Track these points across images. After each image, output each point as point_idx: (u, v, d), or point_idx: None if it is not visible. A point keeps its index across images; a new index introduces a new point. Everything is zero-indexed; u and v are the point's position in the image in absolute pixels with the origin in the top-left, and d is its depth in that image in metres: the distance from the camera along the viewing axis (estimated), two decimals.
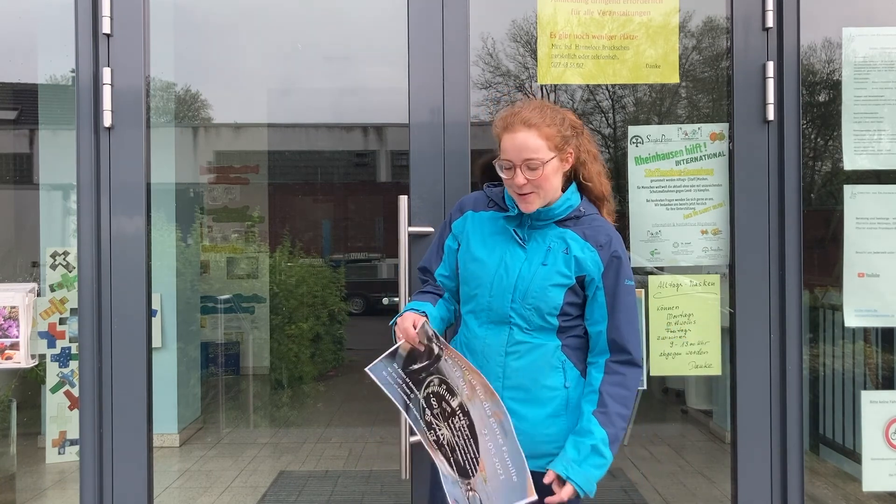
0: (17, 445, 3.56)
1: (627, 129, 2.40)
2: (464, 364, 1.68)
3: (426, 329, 1.71)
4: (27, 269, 3.67)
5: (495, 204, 1.84)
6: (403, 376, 1.76)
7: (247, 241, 6.99)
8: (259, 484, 3.94)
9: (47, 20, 3.24)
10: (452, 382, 1.70)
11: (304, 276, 6.66)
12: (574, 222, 1.77)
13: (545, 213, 1.75)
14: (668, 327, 2.33)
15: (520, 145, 1.68)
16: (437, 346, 1.70)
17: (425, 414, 1.74)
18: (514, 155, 1.69)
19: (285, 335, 6.11)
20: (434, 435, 1.73)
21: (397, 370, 1.76)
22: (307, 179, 11.12)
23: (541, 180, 1.69)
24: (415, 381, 1.75)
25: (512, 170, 1.70)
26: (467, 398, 1.68)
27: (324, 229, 10.89)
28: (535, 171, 1.68)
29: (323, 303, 6.72)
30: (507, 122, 1.72)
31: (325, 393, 6.26)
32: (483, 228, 1.82)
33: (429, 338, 1.71)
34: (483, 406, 1.66)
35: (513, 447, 1.64)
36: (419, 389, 1.74)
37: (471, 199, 1.90)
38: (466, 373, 1.67)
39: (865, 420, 2.34)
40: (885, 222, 2.31)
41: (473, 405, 1.67)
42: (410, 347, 1.73)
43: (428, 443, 1.75)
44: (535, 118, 1.70)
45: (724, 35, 2.36)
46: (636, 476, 3.95)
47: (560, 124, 1.72)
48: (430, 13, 2.25)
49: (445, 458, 1.72)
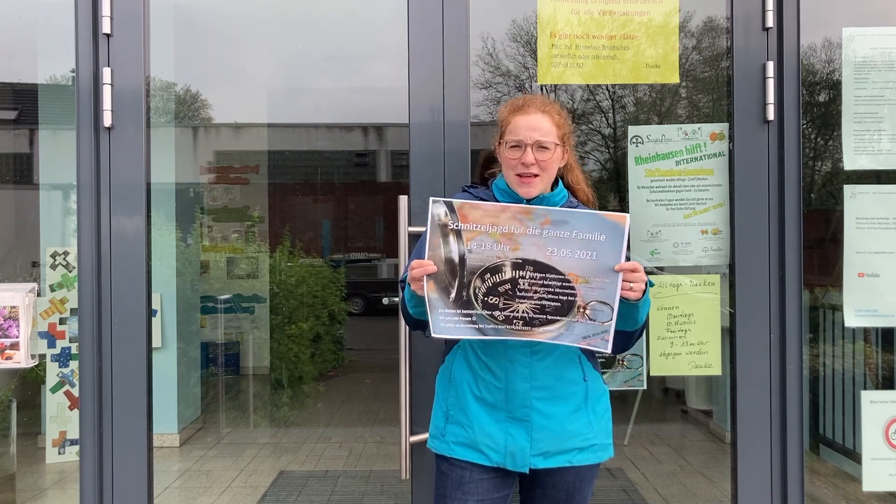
0: (17, 445, 3.56)
1: (627, 129, 2.40)
2: (478, 215, 1.60)
3: (433, 210, 1.61)
4: (27, 269, 3.67)
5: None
6: (453, 308, 1.64)
7: (247, 241, 6.99)
8: (259, 484, 3.94)
9: (47, 20, 3.24)
10: (487, 255, 1.61)
11: (304, 276, 6.66)
12: None
13: (547, 200, 1.76)
14: (668, 327, 2.33)
15: (534, 125, 1.72)
16: (450, 223, 1.62)
17: (496, 316, 1.62)
18: (526, 134, 1.72)
19: (285, 335, 6.11)
20: (521, 319, 1.63)
21: (444, 311, 1.63)
22: (307, 179, 11.13)
23: (548, 163, 1.73)
24: (464, 304, 1.63)
25: (520, 148, 1.72)
26: (511, 249, 1.61)
27: (324, 229, 10.90)
28: (546, 153, 1.72)
29: (323, 303, 6.73)
30: (519, 105, 1.77)
31: (325, 393, 6.26)
32: None
33: (440, 223, 1.61)
34: (528, 234, 1.60)
35: (579, 218, 1.60)
36: (476, 302, 1.62)
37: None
38: (489, 226, 1.60)
39: (865, 420, 2.34)
40: (885, 222, 2.31)
41: (523, 246, 1.61)
42: (434, 275, 1.62)
43: (524, 333, 1.64)
44: (549, 106, 1.77)
45: (724, 35, 2.36)
46: (636, 476, 3.95)
47: (566, 120, 1.80)
48: (430, 13, 2.25)
49: (549, 319, 1.62)
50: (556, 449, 1.72)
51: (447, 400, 1.81)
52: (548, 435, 1.72)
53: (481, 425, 1.73)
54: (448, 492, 1.77)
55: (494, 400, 1.73)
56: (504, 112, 1.80)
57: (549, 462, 1.73)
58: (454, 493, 1.76)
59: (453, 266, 1.63)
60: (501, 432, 1.72)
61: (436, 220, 1.62)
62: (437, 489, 1.82)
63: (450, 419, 1.79)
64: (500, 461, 1.73)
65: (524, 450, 1.71)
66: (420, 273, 1.62)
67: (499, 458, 1.73)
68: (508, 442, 1.72)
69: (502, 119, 1.80)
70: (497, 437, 1.72)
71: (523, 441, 1.71)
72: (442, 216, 1.62)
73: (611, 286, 1.60)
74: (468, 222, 1.62)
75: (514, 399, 1.72)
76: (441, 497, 1.80)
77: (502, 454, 1.72)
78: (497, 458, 1.73)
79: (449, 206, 1.62)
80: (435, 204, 1.62)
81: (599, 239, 1.60)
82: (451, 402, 1.80)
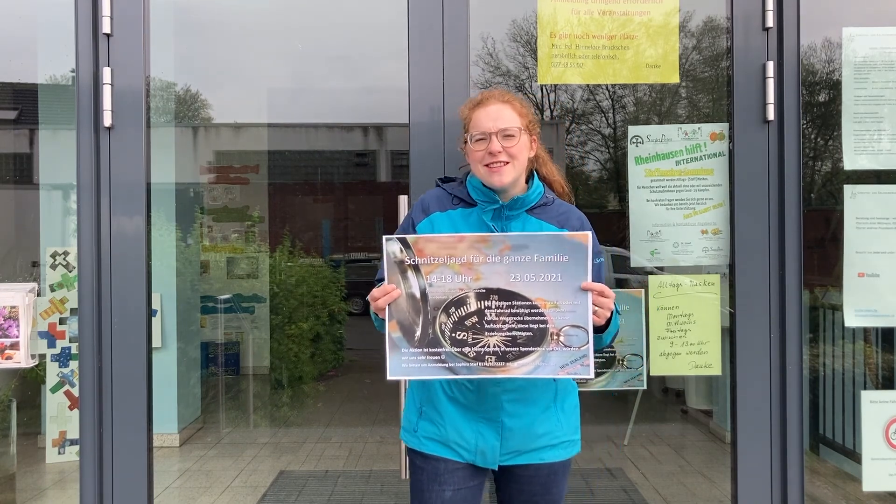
0: (17, 445, 3.56)
1: (627, 129, 2.40)
2: (435, 248, 1.55)
3: (387, 248, 1.56)
4: (27, 268, 3.67)
5: (461, 201, 1.80)
6: (419, 347, 1.59)
7: (247, 241, 7.00)
8: (259, 484, 3.94)
9: (47, 20, 3.24)
10: (449, 287, 1.56)
11: (304, 276, 6.66)
12: (542, 209, 1.78)
13: (521, 200, 1.74)
14: (668, 327, 2.33)
15: (495, 115, 1.71)
16: (406, 259, 1.56)
17: (467, 353, 1.57)
18: (489, 125, 1.70)
19: (285, 335, 6.11)
20: (493, 354, 1.57)
21: (409, 350, 1.58)
22: (307, 179, 11.13)
23: (515, 150, 1.70)
24: (431, 342, 1.58)
25: (485, 140, 1.70)
26: (473, 279, 1.56)
27: (324, 229, 10.89)
28: (511, 139, 1.70)
29: (323, 303, 6.73)
30: (478, 101, 1.76)
31: (325, 393, 6.26)
32: (457, 227, 1.76)
33: (396, 260, 1.56)
34: (488, 262, 1.55)
35: (540, 241, 1.56)
36: (444, 340, 1.57)
37: (432, 199, 1.83)
38: (446, 258, 1.55)
39: (865, 420, 2.34)
40: (885, 222, 2.31)
41: (484, 276, 1.55)
42: (397, 312, 1.57)
43: (498, 369, 1.58)
44: (509, 96, 1.76)
45: (724, 35, 2.36)
46: (636, 476, 3.95)
47: (529, 109, 1.77)
48: (430, 13, 2.25)
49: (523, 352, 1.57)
50: (527, 448, 1.74)
51: (421, 395, 1.82)
52: (518, 435, 1.73)
53: (453, 423, 1.74)
54: (424, 484, 1.79)
55: (467, 401, 1.74)
56: (465, 110, 1.78)
57: (520, 459, 1.75)
58: (431, 484, 1.77)
59: (416, 302, 1.57)
60: (472, 431, 1.73)
61: (392, 257, 1.56)
62: (413, 481, 1.84)
63: (423, 415, 1.80)
64: (471, 459, 1.75)
65: (494, 448, 1.73)
66: (385, 302, 1.57)
67: (469, 457, 1.75)
68: (479, 441, 1.73)
69: (464, 117, 1.78)
70: (468, 435, 1.74)
71: (493, 441, 1.73)
72: (397, 253, 1.56)
73: (581, 307, 1.55)
74: (425, 256, 1.56)
75: (486, 401, 1.73)
76: (418, 489, 1.81)
77: (473, 452, 1.74)
78: (468, 457, 1.75)
79: (403, 242, 1.56)
80: (388, 241, 1.56)
81: (563, 260, 1.55)
82: (425, 398, 1.80)
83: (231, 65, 6.62)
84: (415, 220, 1.80)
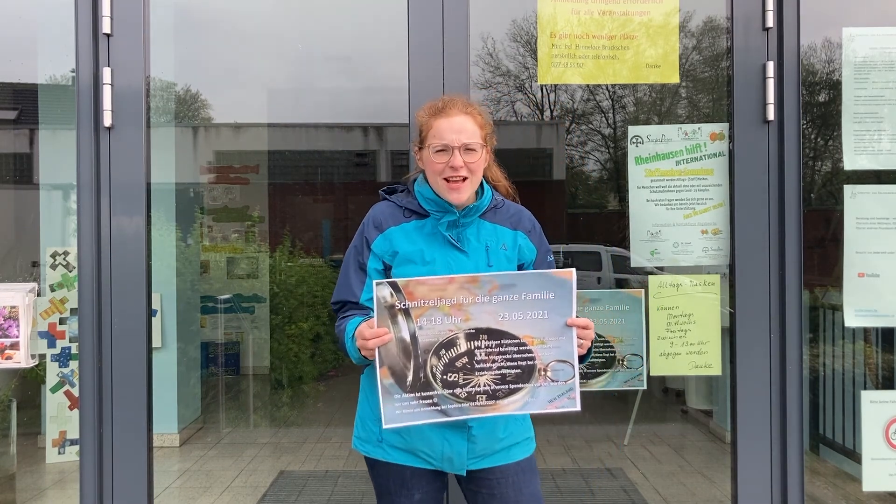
0: (17, 445, 3.56)
1: (627, 129, 2.40)
2: (425, 291, 1.54)
3: (377, 293, 1.54)
4: (27, 268, 3.67)
5: (413, 213, 1.76)
6: (411, 392, 1.58)
7: (247, 241, 6.99)
8: (259, 484, 3.94)
9: (47, 20, 3.24)
10: (439, 329, 1.56)
11: (304, 276, 6.66)
12: (493, 212, 1.78)
13: (475, 208, 1.73)
14: (669, 327, 2.33)
15: (458, 128, 1.67)
16: (397, 303, 1.55)
17: (458, 394, 1.58)
18: (452, 137, 1.67)
19: (285, 335, 6.11)
20: (484, 393, 1.58)
21: (402, 396, 1.57)
22: (307, 179, 11.12)
23: (475, 165, 1.69)
24: (422, 386, 1.58)
25: (446, 152, 1.67)
26: (463, 320, 1.56)
27: (324, 229, 10.88)
28: (473, 154, 1.68)
29: (323, 303, 6.72)
30: (440, 108, 1.72)
31: (325, 393, 6.26)
32: (414, 239, 1.73)
33: (387, 305, 1.55)
34: (477, 302, 1.55)
35: (527, 280, 1.58)
36: (436, 382, 1.57)
37: (384, 215, 1.78)
38: (436, 300, 1.55)
39: (865, 420, 2.34)
40: (885, 222, 2.32)
41: (474, 316, 1.56)
42: (388, 358, 1.57)
43: (489, 408, 1.59)
44: (470, 107, 1.72)
45: (724, 35, 2.36)
46: (636, 476, 3.95)
47: (487, 119, 1.75)
48: (430, 13, 2.25)
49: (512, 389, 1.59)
50: (492, 450, 1.74)
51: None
52: (483, 439, 1.72)
53: (420, 431, 1.71)
54: (392, 489, 1.78)
55: None
56: (424, 115, 1.74)
57: (486, 462, 1.75)
58: (399, 489, 1.77)
59: (406, 347, 1.56)
60: (439, 438, 1.71)
61: (382, 302, 1.54)
62: (380, 488, 1.82)
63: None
64: (438, 466, 1.74)
65: (462, 454, 1.72)
66: (375, 344, 1.53)
67: (437, 464, 1.74)
68: (445, 448, 1.72)
69: (423, 123, 1.74)
70: (435, 442, 1.72)
71: (461, 447, 1.72)
72: (388, 297, 1.54)
73: (566, 343, 1.58)
74: (415, 299, 1.55)
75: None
76: (386, 495, 1.80)
77: (439, 460, 1.73)
78: (435, 464, 1.74)
79: (394, 286, 1.55)
80: (379, 286, 1.54)
81: (549, 297, 1.57)
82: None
83: (231, 64, 6.62)
84: (369, 239, 1.77)
